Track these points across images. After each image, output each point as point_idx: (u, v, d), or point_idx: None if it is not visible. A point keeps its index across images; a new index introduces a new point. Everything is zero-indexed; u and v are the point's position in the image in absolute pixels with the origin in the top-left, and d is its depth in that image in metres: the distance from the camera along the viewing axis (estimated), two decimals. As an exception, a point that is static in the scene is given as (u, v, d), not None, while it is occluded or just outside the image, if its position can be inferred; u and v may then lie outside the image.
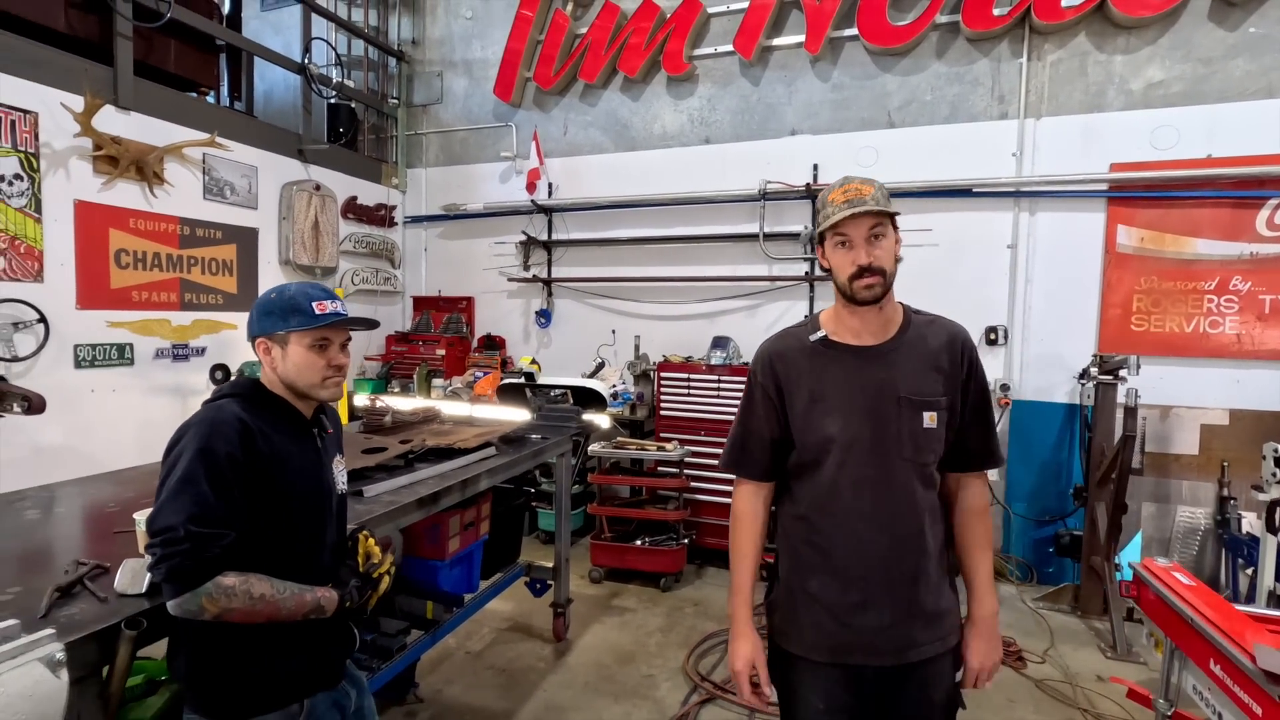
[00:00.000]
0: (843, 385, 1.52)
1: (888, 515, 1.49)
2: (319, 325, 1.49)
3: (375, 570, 1.58)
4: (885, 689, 1.53)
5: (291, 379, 1.51)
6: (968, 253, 4.80)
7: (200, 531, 1.28)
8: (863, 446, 1.49)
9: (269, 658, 1.41)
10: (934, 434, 1.51)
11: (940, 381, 1.53)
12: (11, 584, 1.50)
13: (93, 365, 3.98)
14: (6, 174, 3.56)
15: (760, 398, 1.62)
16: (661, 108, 5.65)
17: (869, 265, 1.45)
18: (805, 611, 1.55)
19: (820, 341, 1.57)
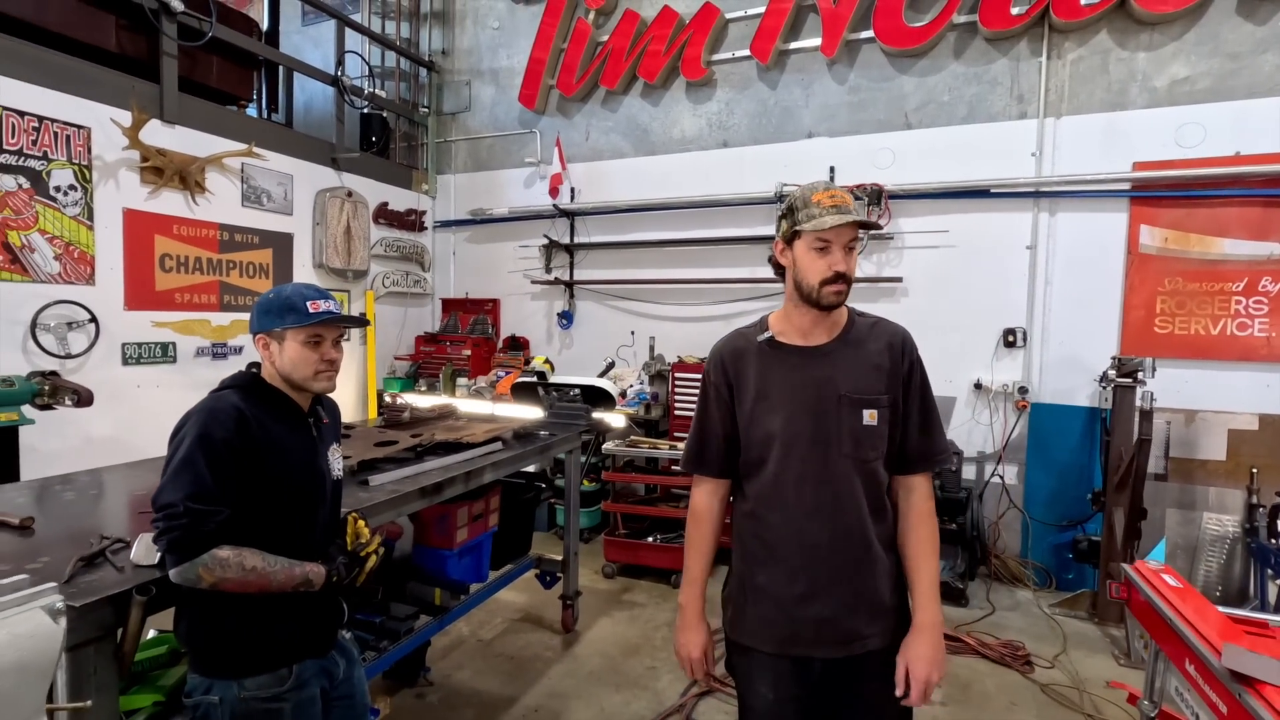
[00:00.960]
0: (785, 384, 1.58)
1: (830, 509, 1.54)
2: (311, 323, 1.62)
3: (363, 549, 1.71)
4: (836, 681, 1.57)
5: (287, 372, 1.65)
6: (985, 254, 4.76)
7: (197, 508, 1.42)
8: (803, 442, 1.54)
9: (261, 624, 1.54)
10: (875, 431, 1.55)
11: (881, 380, 1.57)
12: (45, 554, 1.67)
13: (139, 362, 4.25)
14: (62, 185, 3.85)
15: (714, 396, 1.66)
16: (680, 112, 5.73)
17: (844, 274, 1.52)
18: (754, 604, 1.60)
19: (767, 341, 1.63)
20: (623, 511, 4.72)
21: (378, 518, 2.27)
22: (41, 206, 3.75)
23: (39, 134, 3.72)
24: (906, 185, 4.89)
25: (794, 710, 1.59)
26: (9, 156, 3.61)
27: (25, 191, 3.69)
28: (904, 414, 1.59)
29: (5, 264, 3.63)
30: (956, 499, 4.32)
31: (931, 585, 1.58)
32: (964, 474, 4.66)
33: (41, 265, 3.77)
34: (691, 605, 1.69)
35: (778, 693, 1.58)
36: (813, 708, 1.60)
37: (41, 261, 3.77)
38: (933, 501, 1.64)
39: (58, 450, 3.75)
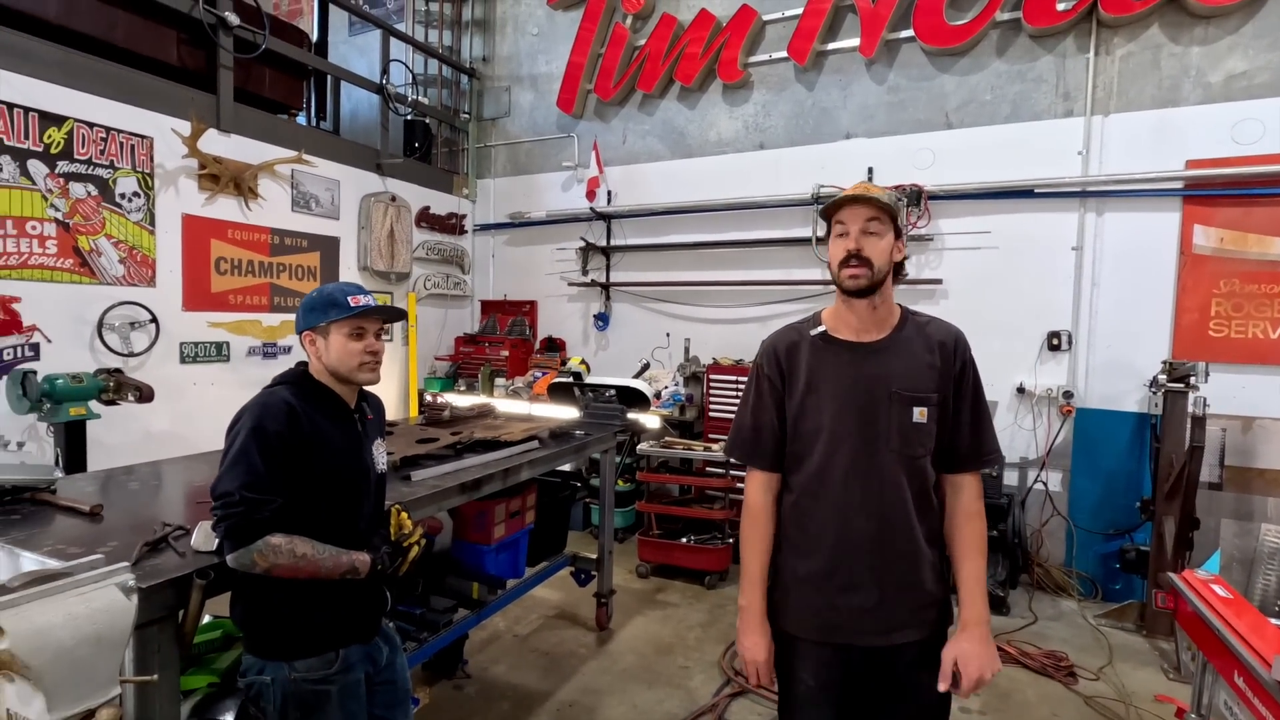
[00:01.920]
0: (835, 378, 1.60)
1: (875, 503, 1.56)
2: (354, 315, 1.70)
3: (405, 540, 1.77)
4: (876, 670, 1.58)
5: (334, 365, 1.73)
6: (1029, 255, 4.66)
7: (252, 497, 1.50)
8: (851, 437, 1.57)
9: (310, 609, 1.62)
10: (924, 429, 1.57)
11: (933, 378, 1.58)
12: (113, 539, 1.78)
13: (195, 361, 4.45)
14: (127, 192, 4.06)
15: (767, 388, 1.69)
16: (717, 115, 5.75)
17: (857, 251, 1.54)
18: (797, 592, 1.63)
19: (820, 336, 1.65)
20: (657, 512, 4.75)
21: (419, 512, 2.35)
22: (108, 212, 3.96)
23: (106, 144, 3.94)
24: (947, 186, 4.82)
25: (834, 698, 1.61)
26: (79, 165, 3.83)
27: (94, 198, 3.90)
28: (955, 413, 1.59)
29: (75, 267, 3.84)
30: (997, 505, 4.23)
31: (978, 581, 1.59)
32: (1005, 480, 4.56)
33: (107, 268, 3.98)
34: (754, 607, 1.66)
35: (818, 680, 1.61)
36: (851, 696, 1.62)
37: (108, 265, 3.98)
38: (982, 501, 1.64)
39: (120, 443, 3.94)
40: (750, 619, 1.65)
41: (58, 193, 3.75)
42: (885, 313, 1.63)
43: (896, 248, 1.60)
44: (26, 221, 3.64)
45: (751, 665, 1.65)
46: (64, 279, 3.80)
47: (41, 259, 3.70)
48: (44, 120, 3.67)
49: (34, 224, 3.66)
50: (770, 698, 3.13)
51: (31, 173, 3.64)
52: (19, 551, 1.67)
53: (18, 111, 3.58)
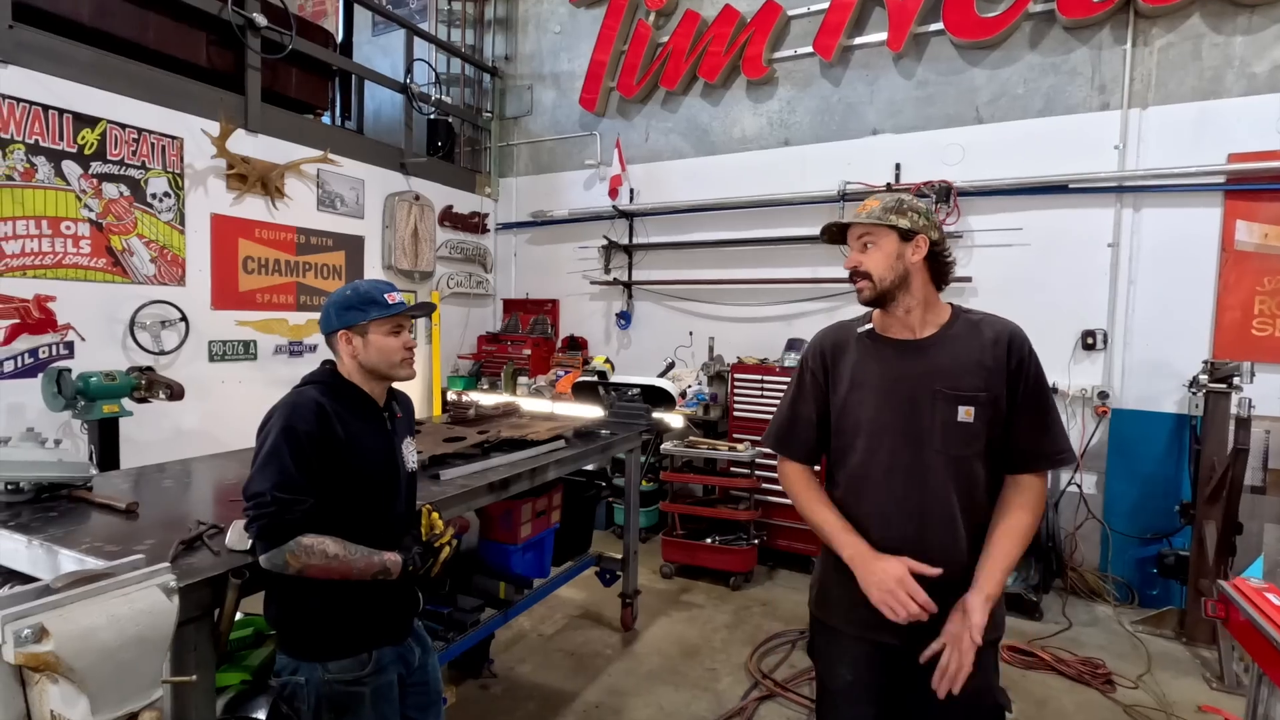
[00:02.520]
0: (879, 375, 1.60)
1: (917, 502, 1.54)
2: (395, 313, 1.69)
3: (437, 540, 1.76)
4: (918, 672, 1.52)
5: (374, 363, 1.72)
6: (1062, 252, 4.55)
7: (284, 497, 1.49)
8: (892, 434, 1.56)
9: (343, 610, 1.61)
10: (970, 428, 1.53)
11: (982, 376, 1.54)
12: (149, 537, 1.79)
13: (223, 359, 4.50)
14: (158, 192, 4.10)
15: (809, 381, 1.71)
16: (741, 112, 5.69)
17: (855, 268, 1.62)
18: (841, 585, 1.59)
19: (867, 334, 1.67)
20: (681, 512, 4.72)
21: (448, 511, 2.34)
22: (140, 212, 4.01)
23: (138, 145, 3.98)
24: (977, 182, 4.73)
25: (872, 695, 1.59)
26: (112, 166, 3.88)
27: (126, 199, 3.95)
28: (1013, 411, 1.55)
29: (108, 266, 3.89)
30: (1030, 508, 4.13)
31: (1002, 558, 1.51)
32: (1038, 482, 4.46)
33: (139, 268, 4.03)
34: (859, 546, 1.54)
35: (857, 675, 1.60)
36: (891, 696, 1.59)
37: (139, 264, 4.03)
38: (1041, 502, 1.58)
39: (151, 440, 3.99)
40: (867, 555, 1.52)
41: (91, 193, 3.80)
42: (926, 314, 1.62)
43: (914, 247, 1.58)
44: (61, 222, 3.69)
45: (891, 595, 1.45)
46: (97, 278, 3.85)
47: (76, 259, 3.75)
48: (78, 122, 3.72)
49: (68, 224, 3.71)
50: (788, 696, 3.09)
51: (66, 174, 3.69)
52: (57, 549, 1.68)
53: (53, 113, 3.63)
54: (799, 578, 4.67)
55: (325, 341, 1.81)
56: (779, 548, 4.76)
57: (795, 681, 3.25)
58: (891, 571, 1.48)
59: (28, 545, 1.72)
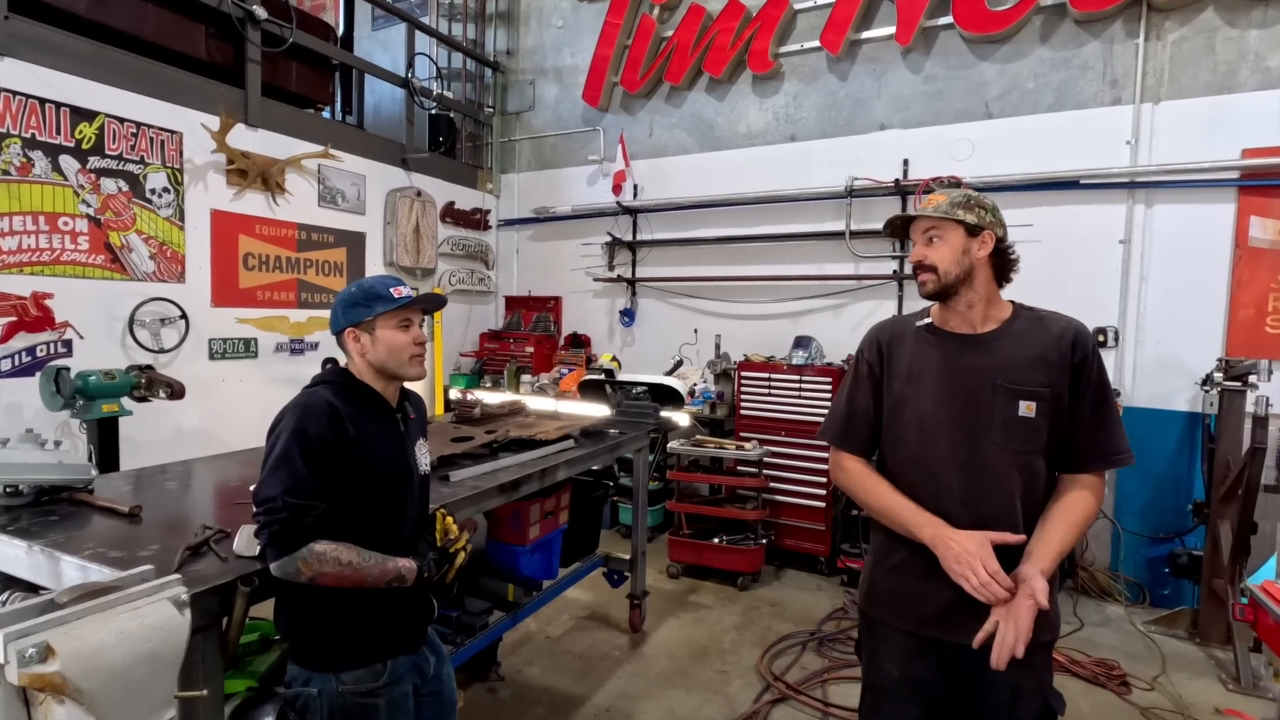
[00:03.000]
0: (937, 368, 1.60)
1: (975, 496, 1.52)
2: (401, 306, 1.64)
3: (452, 546, 1.70)
4: (968, 670, 1.50)
5: (382, 360, 1.66)
6: (1073, 249, 4.50)
7: (296, 502, 1.44)
8: (950, 427, 1.55)
9: (357, 619, 1.55)
10: (1031, 423, 1.51)
11: (1045, 372, 1.53)
12: (153, 542, 1.73)
13: (224, 357, 4.43)
14: (157, 187, 4.04)
15: (866, 373, 1.71)
16: (746, 107, 5.63)
17: (919, 261, 1.61)
18: (891, 579, 1.61)
19: (926, 327, 1.67)
20: (688, 511, 4.67)
21: (459, 514, 2.28)
22: (138, 208, 3.94)
23: (137, 139, 3.91)
24: (986, 177, 4.67)
25: (919, 692, 1.57)
26: (110, 161, 3.81)
27: (124, 194, 3.88)
28: (1074, 408, 1.53)
29: (107, 263, 3.82)
30: (1041, 507, 4.09)
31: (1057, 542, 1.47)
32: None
33: (138, 264, 3.96)
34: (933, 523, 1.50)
35: (904, 671, 1.59)
36: (938, 694, 1.57)
37: (138, 261, 3.96)
38: (1099, 500, 1.57)
39: (151, 440, 3.93)
40: (944, 532, 1.47)
41: (89, 188, 3.73)
42: (988, 309, 1.62)
43: (980, 243, 1.59)
44: (59, 217, 3.62)
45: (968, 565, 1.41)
46: (96, 275, 3.78)
47: (74, 255, 3.68)
48: (75, 115, 3.65)
49: (66, 220, 3.65)
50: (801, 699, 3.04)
51: (63, 168, 3.62)
52: (59, 555, 1.62)
53: (49, 107, 3.55)
54: (806, 578, 4.63)
55: (336, 343, 1.76)
56: (786, 547, 4.72)
57: (808, 684, 3.21)
58: (971, 542, 1.44)
59: (28, 551, 1.67)
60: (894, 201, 5.00)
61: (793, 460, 4.64)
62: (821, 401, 4.56)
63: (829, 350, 4.93)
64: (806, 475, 4.60)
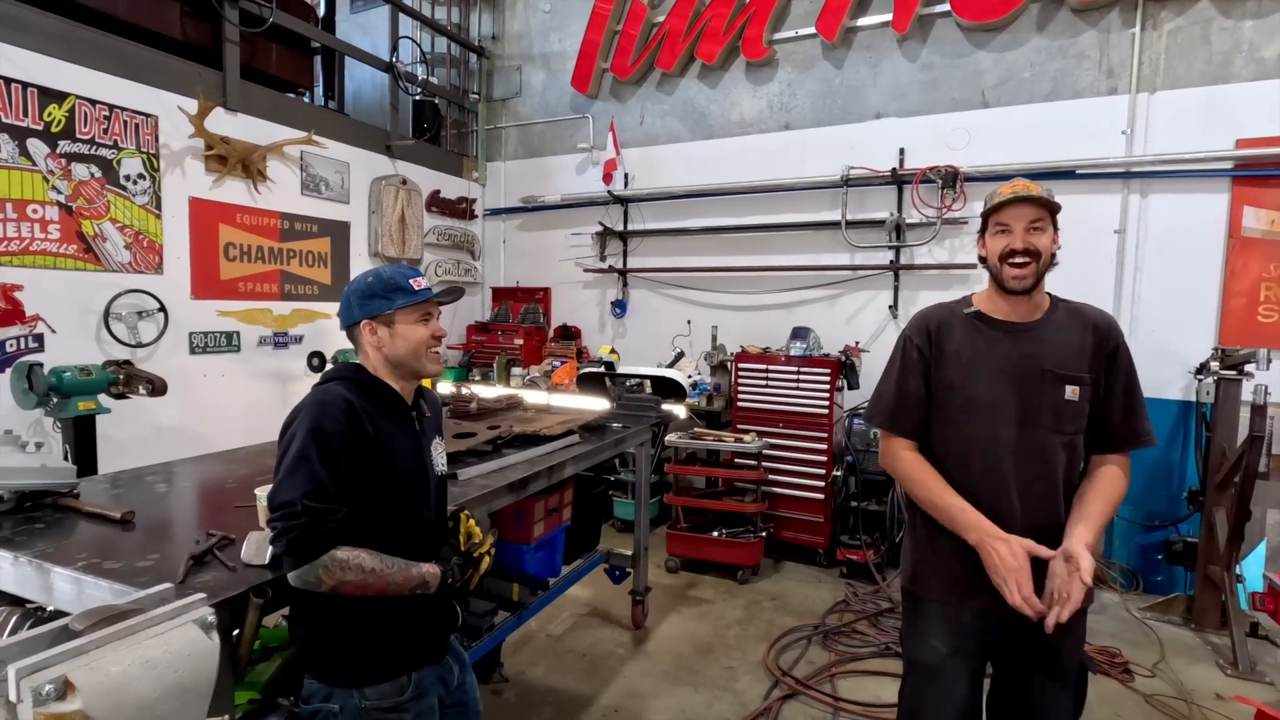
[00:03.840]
0: (989, 354, 1.66)
1: (1026, 475, 1.61)
2: (423, 299, 1.55)
3: (476, 550, 1.62)
4: (1010, 639, 1.62)
5: (401, 356, 1.56)
6: (1068, 239, 4.33)
7: (316, 506, 1.34)
8: (1006, 411, 1.62)
9: (380, 631, 1.46)
10: (1075, 406, 1.62)
11: (1084, 359, 1.64)
12: (150, 551, 1.62)
13: (205, 351, 4.26)
14: (132, 173, 3.85)
15: (916, 358, 1.73)
16: (740, 94, 5.55)
17: (1023, 249, 1.61)
18: (940, 558, 1.66)
19: (974, 314, 1.72)
20: (685, 505, 4.61)
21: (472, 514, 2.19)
22: (113, 195, 3.75)
23: (109, 122, 3.72)
24: (983, 167, 4.66)
25: (963, 668, 1.64)
26: (82, 145, 3.61)
27: (97, 180, 3.69)
28: (1107, 392, 1.65)
29: (80, 253, 3.64)
30: (1040, 496, 4.10)
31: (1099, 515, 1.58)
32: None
33: (113, 254, 3.77)
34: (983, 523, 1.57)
35: (950, 646, 1.65)
36: (979, 669, 1.67)
37: (113, 250, 3.77)
38: (1128, 479, 1.67)
39: (130, 438, 3.76)
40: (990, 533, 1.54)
41: (59, 174, 3.53)
42: (1039, 300, 1.71)
43: (1055, 240, 1.68)
44: (27, 205, 3.43)
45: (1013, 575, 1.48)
46: (68, 266, 3.59)
47: (44, 244, 3.49)
48: (43, 96, 3.45)
49: (35, 207, 3.45)
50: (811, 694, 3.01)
51: (31, 152, 3.42)
52: (49, 567, 1.51)
53: (15, 87, 3.35)
54: (805, 570, 4.60)
55: (347, 335, 1.65)
56: (784, 539, 4.68)
57: (817, 679, 3.18)
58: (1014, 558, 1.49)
59: (14, 563, 1.54)
60: (891, 191, 4.97)
61: (790, 452, 4.60)
62: (820, 393, 4.53)
63: (826, 341, 4.89)
64: (804, 467, 4.57)
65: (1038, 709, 1.64)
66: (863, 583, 4.30)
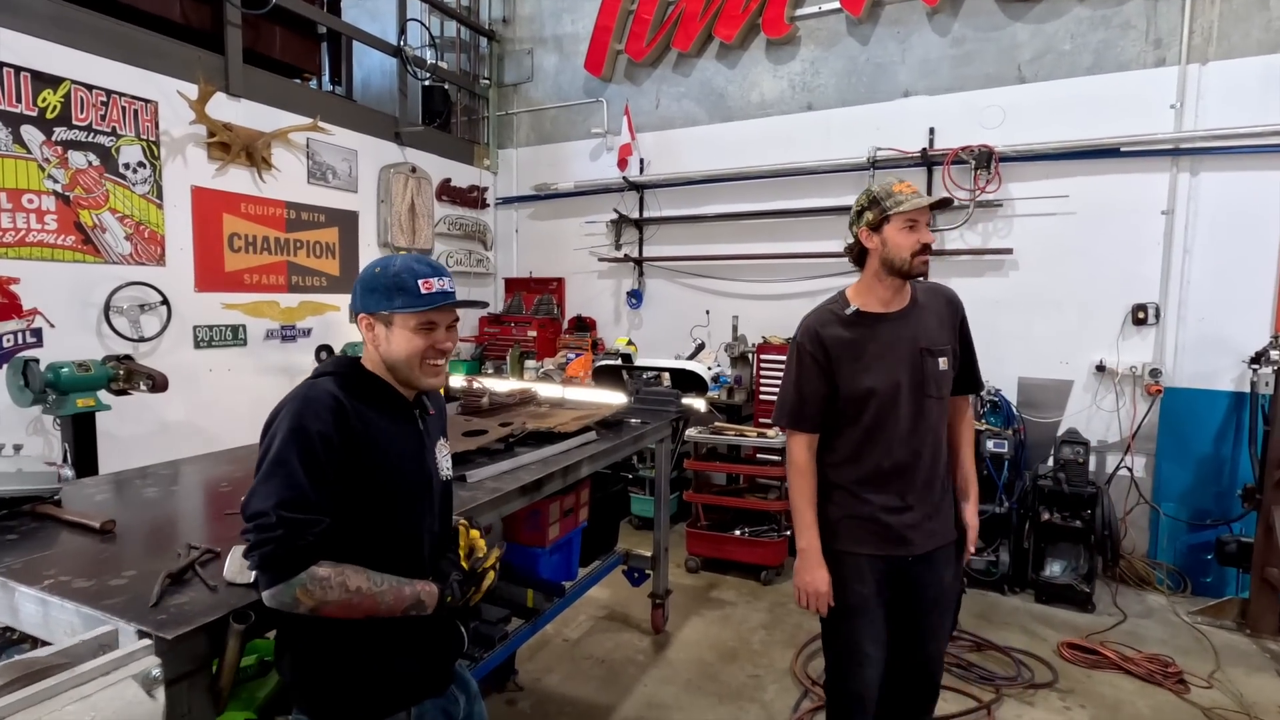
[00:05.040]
0: (879, 346, 1.90)
1: (924, 441, 1.92)
2: (425, 308, 1.37)
3: (480, 565, 1.45)
4: (916, 573, 1.95)
5: (394, 361, 1.40)
6: (1112, 221, 4.26)
7: (293, 517, 1.18)
8: (904, 390, 1.89)
9: (374, 660, 1.30)
10: (946, 374, 1.96)
11: (946, 332, 1.97)
12: (129, 566, 1.47)
13: (210, 345, 4.14)
14: (131, 162, 3.71)
15: (810, 363, 1.94)
16: (760, 74, 5.32)
17: (929, 244, 1.87)
18: (861, 520, 1.94)
19: (854, 314, 1.93)
20: (706, 502, 4.43)
21: (481, 519, 2.03)
22: (111, 184, 3.62)
23: (107, 108, 3.58)
24: (1019, 146, 4.41)
25: (884, 602, 1.95)
26: (79, 132, 3.48)
27: (95, 169, 3.56)
28: (962, 356, 2.01)
29: (78, 244, 3.51)
30: (1083, 494, 3.89)
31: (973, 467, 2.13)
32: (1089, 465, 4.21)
33: (113, 246, 3.65)
34: (814, 545, 1.93)
35: (870, 588, 1.93)
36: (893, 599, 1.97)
37: (113, 242, 3.65)
38: (971, 413, 2.15)
39: (133, 436, 3.65)
40: (812, 557, 1.93)
41: (56, 162, 3.40)
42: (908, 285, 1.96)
43: None
44: (23, 194, 3.30)
45: (814, 595, 1.92)
46: (66, 258, 3.47)
47: (40, 235, 3.37)
48: (37, 81, 3.32)
49: (31, 197, 3.33)
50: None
51: (26, 140, 3.30)
52: (15, 585, 1.37)
53: (8, 71, 3.22)
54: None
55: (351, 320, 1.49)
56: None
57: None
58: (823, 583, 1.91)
59: (-22, 580, 1.40)
60: (920, 173, 4.73)
61: (816, 447, 4.40)
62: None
63: (851, 331, 4.68)
64: (831, 463, 4.37)
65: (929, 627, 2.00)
66: (892, 584, 4.11)
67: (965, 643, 3.40)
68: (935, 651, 2.04)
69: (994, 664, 3.25)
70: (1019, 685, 3.07)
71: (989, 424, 4.19)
